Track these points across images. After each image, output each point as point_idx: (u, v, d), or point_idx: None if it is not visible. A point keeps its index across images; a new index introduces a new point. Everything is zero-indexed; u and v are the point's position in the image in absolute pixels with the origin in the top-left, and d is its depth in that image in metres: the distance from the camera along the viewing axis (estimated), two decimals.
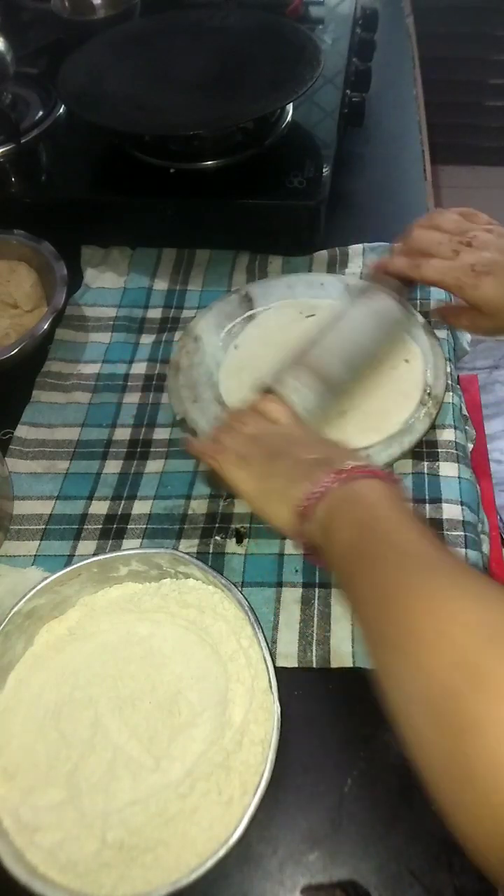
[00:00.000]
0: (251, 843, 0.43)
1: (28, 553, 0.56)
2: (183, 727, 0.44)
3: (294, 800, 0.45)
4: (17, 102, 0.84)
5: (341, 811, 0.44)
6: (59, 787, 0.43)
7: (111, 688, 0.46)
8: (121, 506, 0.58)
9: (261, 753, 0.42)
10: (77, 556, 0.56)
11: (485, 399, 1.57)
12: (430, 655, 0.30)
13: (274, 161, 0.74)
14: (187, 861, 0.39)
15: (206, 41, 0.79)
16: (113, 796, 0.42)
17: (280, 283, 0.71)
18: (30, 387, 0.66)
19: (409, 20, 1.10)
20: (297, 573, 0.53)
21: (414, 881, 0.42)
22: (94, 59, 0.77)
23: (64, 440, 0.63)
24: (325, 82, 0.82)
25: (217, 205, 0.73)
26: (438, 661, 0.30)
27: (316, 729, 0.47)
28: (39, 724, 0.45)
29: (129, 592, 0.51)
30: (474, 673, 0.28)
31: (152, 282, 0.75)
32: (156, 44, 0.80)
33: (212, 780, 0.41)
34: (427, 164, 0.86)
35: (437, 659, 0.30)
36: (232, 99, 0.72)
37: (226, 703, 0.44)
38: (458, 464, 0.58)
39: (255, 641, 0.45)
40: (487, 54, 1.89)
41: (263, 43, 0.76)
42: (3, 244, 0.72)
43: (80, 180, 0.77)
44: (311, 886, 0.42)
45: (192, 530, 0.56)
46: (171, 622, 0.48)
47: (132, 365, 0.68)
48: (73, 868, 0.40)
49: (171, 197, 0.73)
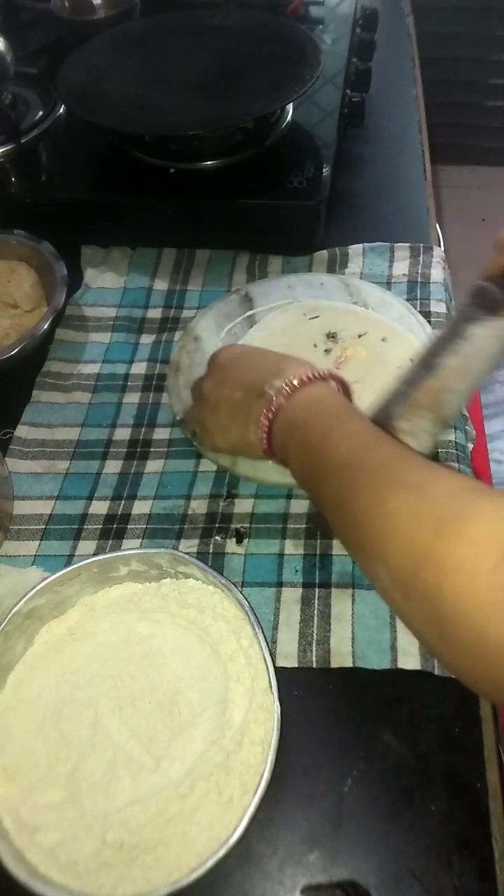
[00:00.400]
0: (251, 843, 0.43)
1: (28, 553, 0.56)
2: (183, 727, 0.44)
3: (294, 800, 0.45)
4: (17, 102, 0.84)
5: (341, 811, 0.44)
6: (59, 787, 0.43)
7: (111, 688, 0.46)
8: (121, 506, 0.58)
9: (261, 753, 0.42)
10: (77, 556, 0.56)
11: (485, 399, 1.57)
12: (386, 551, 0.35)
13: (274, 161, 0.74)
14: (187, 861, 0.39)
15: (206, 41, 0.79)
16: (113, 796, 0.42)
17: (280, 283, 0.71)
18: (30, 387, 0.66)
19: (409, 20, 1.10)
20: (297, 573, 0.53)
21: (414, 881, 0.42)
22: (94, 59, 0.77)
23: (64, 440, 0.63)
24: (325, 82, 0.82)
25: (217, 205, 0.73)
26: (394, 553, 0.34)
27: (316, 729, 0.47)
28: (39, 724, 0.45)
29: (129, 592, 0.51)
30: (424, 556, 0.32)
31: (152, 282, 0.75)
32: (156, 44, 0.80)
33: (212, 780, 0.41)
34: (427, 164, 0.86)
35: (393, 552, 0.34)
36: (232, 99, 0.72)
37: (226, 703, 0.44)
38: (457, 464, 0.59)
39: (255, 641, 0.45)
40: (487, 54, 1.89)
41: (263, 43, 0.76)
42: (3, 244, 0.72)
43: (80, 180, 0.77)
44: (311, 886, 0.42)
45: (192, 530, 0.56)
46: (171, 622, 0.48)
47: (132, 365, 0.68)
48: (73, 868, 0.40)
49: (171, 197, 0.73)
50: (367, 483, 0.38)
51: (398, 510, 0.35)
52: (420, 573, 0.32)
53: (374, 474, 0.38)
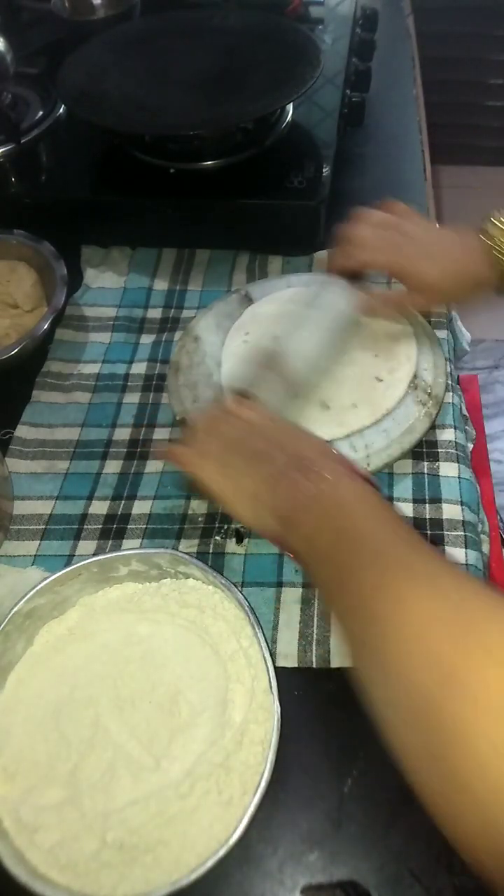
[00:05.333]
0: (251, 843, 0.43)
1: (28, 553, 0.56)
2: (183, 727, 0.44)
3: (294, 800, 0.45)
4: (17, 102, 0.84)
5: (341, 811, 0.44)
6: (60, 786, 0.43)
7: (111, 688, 0.46)
8: (121, 506, 0.58)
9: (261, 753, 0.42)
10: (77, 556, 0.56)
11: (485, 399, 1.57)
12: (405, 658, 0.30)
13: (274, 161, 0.74)
14: (187, 861, 0.39)
15: (206, 41, 0.79)
16: (113, 796, 0.42)
17: (280, 283, 0.71)
18: (30, 387, 0.66)
19: (409, 20, 1.10)
20: (297, 573, 0.53)
21: (414, 881, 0.42)
22: (94, 59, 0.77)
23: (64, 440, 0.63)
24: (325, 82, 0.82)
25: (217, 205, 0.73)
26: (413, 663, 0.30)
27: (316, 729, 0.47)
28: (39, 723, 0.45)
29: (129, 592, 0.51)
30: (448, 674, 0.28)
31: (152, 282, 0.75)
32: (156, 44, 0.80)
33: (212, 780, 0.41)
34: (427, 164, 0.86)
35: (412, 661, 0.30)
36: (232, 99, 0.72)
37: (226, 703, 0.44)
38: (458, 464, 0.58)
39: (255, 641, 0.45)
40: (487, 54, 1.89)
41: (263, 43, 0.76)
42: (3, 244, 0.72)
43: (80, 180, 0.77)
44: (311, 886, 0.42)
45: (192, 530, 0.56)
46: (171, 622, 0.48)
47: (132, 365, 0.68)
48: (73, 868, 0.40)
49: (171, 197, 0.73)
50: (407, 580, 0.34)
51: (418, 607, 0.31)
52: (436, 691, 0.28)
53: (420, 572, 0.34)
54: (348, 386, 0.60)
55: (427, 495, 0.57)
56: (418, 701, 0.29)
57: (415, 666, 0.30)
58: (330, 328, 0.60)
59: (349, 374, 0.61)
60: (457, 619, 0.30)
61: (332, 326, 0.60)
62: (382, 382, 0.60)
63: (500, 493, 1.23)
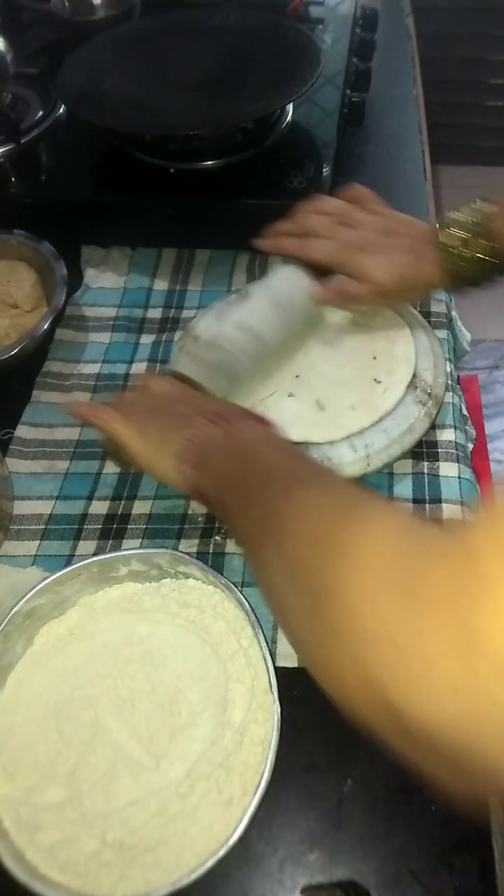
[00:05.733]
0: (251, 843, 0.43)
1: (28, 553, 0.56)
2: (183, 727, 0.44)
3: (294, 800, 0.45)
4: (17, 102, 0.84)
5: (341, 811, 0.44)
6: (60, 786, 0.43)
7: (111, 688, 0.46)
8: (121, 506, 0.58)
9: (261, 753, 0.42)
10: (77, 556, 0.56)
11: (485, 399, 1.57)
12: (295, 539, 0.35)
13: (274, 161, 0.74)
14: (187, 861, 0.39)
15: (206, 41, 0.79)
16: (113, 796, 0.42)
17: None
18: (30, 387, 0.66)
19: (409, 20, 1.10)
20: None
21: (414, 881, 0.42)
22: (94, 59, 0.77)
23: (64, 440, 0.63)
24: (325, 82, 0.82)
25: (217, 205, 0.73)
26: (301, 541, 0.34)
27: (316, 729, 0.47)
28: (39, 723, 0.45)
29: (129, 592, 0.51)
30: (328, 542, 0.32)
31: (152, 282, 0.75)
32: (156, 44, 0.80)
33: (212, 780, 0.41)
34: (427, 164, 0.86)
35: (300, 539, 0.34)
36: (232, 99, 0.72)
37: (226, 703, 0.44)
38: (458, 464, 0.58)
39: (255, 641, 0.45)
40: (487, 54, 1.89)
41: (263, 43, 0.76)
42: (3, 244, 0.72)
43: (80, 180, 0.77)
44: (311, 886, 0.42)
45: (192, 530, 0.56)
46: (171, 622, 0.48)
47: (132, 365, 0.68)
48: (73, 868, 0.40)
49: (171, 197, 0.73)
50: (295, 483, 0.39)
51: (306, 500, 0.37)
52: (317, 559, 0.32)
53: (306, 477, 0.41)
54: (346, 388, 0.60)
55: (427, 495, 0.57)
56: (304, 569, 0.33)
57: (302, 543, 0.34)
58: (279, 305, 0.59)
59: (347, 375, 0.61)
60: (340, 503, 0.35)
61: (283, 303, 0.59)
62: (380, 384, 0.60)
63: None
